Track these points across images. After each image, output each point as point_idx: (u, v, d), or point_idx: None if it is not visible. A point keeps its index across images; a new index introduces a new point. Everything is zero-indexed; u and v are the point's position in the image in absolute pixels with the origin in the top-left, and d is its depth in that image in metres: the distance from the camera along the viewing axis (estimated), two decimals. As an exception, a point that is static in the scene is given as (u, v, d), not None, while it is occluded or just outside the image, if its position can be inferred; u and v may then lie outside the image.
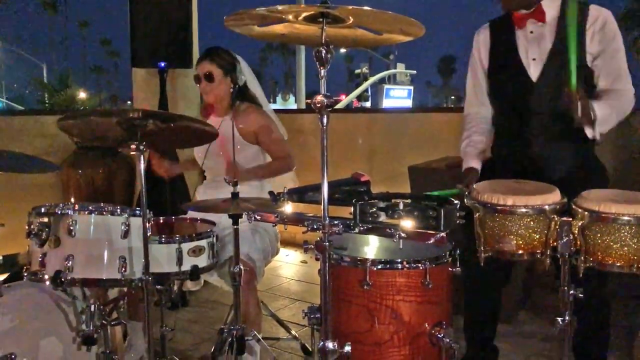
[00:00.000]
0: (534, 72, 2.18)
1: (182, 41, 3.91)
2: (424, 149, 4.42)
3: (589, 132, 2.01)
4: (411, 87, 33.09)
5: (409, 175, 3.79)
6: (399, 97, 31.36)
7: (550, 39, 2.16)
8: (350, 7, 1.35)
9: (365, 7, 1.34)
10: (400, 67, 32.61)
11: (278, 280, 4.18)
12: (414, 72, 34.42)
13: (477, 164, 2.31)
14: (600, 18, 2.11)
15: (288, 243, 4.75)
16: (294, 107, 25.80)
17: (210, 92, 2.72)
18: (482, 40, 2.37)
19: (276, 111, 3.16)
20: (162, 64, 3.86)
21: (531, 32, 2.19)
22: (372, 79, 28.94)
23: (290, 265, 4.57)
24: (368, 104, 28.95)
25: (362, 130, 5.05)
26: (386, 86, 30.49)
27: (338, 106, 24.90)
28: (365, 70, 29.34)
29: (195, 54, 4.22)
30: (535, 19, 2.17)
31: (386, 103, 29.76)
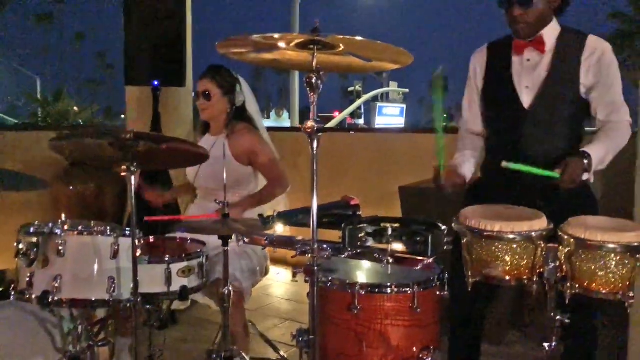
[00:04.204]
0: (526, 99, 2.19)
1: (175, 60, 3.93)
2: (415, 169, 4.44)
3: (584, 176, 2.02)
4: (404, 106, 33.26)
5: (399, 196, 3.81)
6: (391, 114, 31.52)
7: (546, 68, 2.17)
8: (341, 36, 1.37)
9: (357, 37, 1.37)
10: (393, 86, 32.83)
11: (268, 300, 4.17)
12: (407, 90, 34.61)
13: (467, 172, 2.30)
14: (597, 51, 2.12)
15: (279, 261, 4.73)
16: (288, 122, 25.85)
17: (206, 109, 2.75)
18: (478, 62, 2.38)
19: (269, 129, 3.18)
20: (156, 83, 3.88)
21: (528, 60, 2.21)
22: (365, 97, 29.04)
23: (280, 284, 4.55)
24: (361, 121, 29.07)
25: (354, 149, 5.07)
26: (379, 104, 30.65)
27: (332, 122, 25.02)
28: (358, 88, 29.50)
29: (189, 72, 4.24)
30: (534, 48, 2.18)
31: (379, 120, 29.88)
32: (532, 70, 2.20)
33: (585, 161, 1.99)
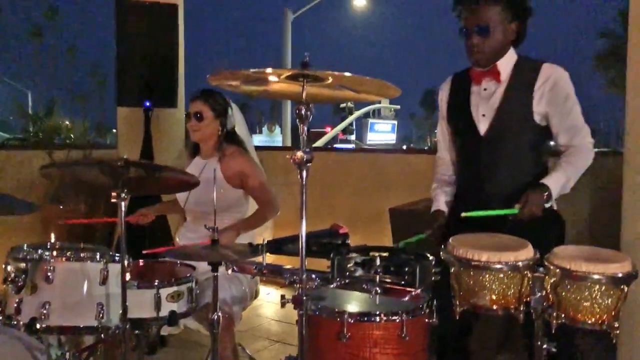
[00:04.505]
0: (482, 127, 2.27)
1: (168, 81, 3.96)
2: (406, 189, 4.46)
3: (547, 205, 2.09)
4: (395, 122, 33.61)
5: (389, 217, 3.83)
6: (383, 131, 31.82)
7: (500, 97, 2.24)
8: (329, 72, 1.40)
9: (345, 73, 1.39)
10: (385, 102, 33.04)
11: (258, 320, 4.15)
12: (398, 107, 34.96)
13: (444, 206, 2.42)
14: (551, 78, 2.19)
15: (269, 281, 4.73)
16: (280, 137, 25.92)
17: (198, 130, 2.77)
18: (444, 92, 2.48)
19: (261, 148, 3.20)
20: (148, 103, 3.90)
21: (485, 89, 2.28)
22: (357, 113, 29.29)
23: (270, 305, 4.54)
24: (353, 137, 29.29)
25: (345, 168, 5.09)
26: (371, 120, 30.94)
27: (324, 138, 25.09)
28: (350, 104, 29.71)
29: (181, 93, 4.26)
30: (491, 78, 2.26)
31: (371, 137, 30.12)
32: (488, 99, 2.27)
33: (545, 193, 2.07)
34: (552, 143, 2.34)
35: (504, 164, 2.25)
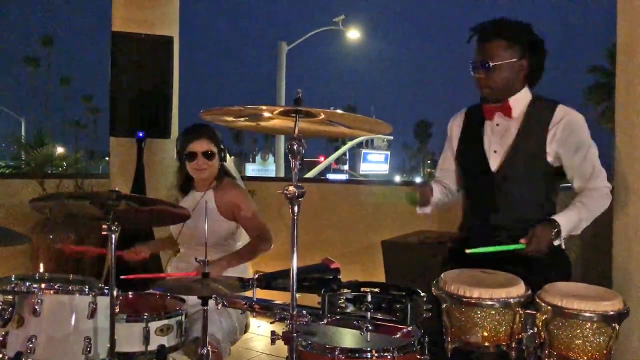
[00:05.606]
0: (493, 163, 2.25)
1: (162, 111, 3.98)
2: (398, 221, 4.46)
3: (556, 242, 2.05)
4: (388, 152, 33.86)
5: (382, 250, 3.81)
6: (376, 161, 32.04)
7: (513, 134, 2.23)
8: (322, 109, 1.41)
9: (338, 111, 1.41)
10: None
11: (248, 354, 4.09)
12: (391, 137, 35.24)
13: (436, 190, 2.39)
14: (564, 120, 2.16)
15: (259, 313, 4.66)
16: (273, 166, 25.99)
17: (208, 168, 2.72)
18: (455, 125, 2.45)
19: (253, 178, 3.19)
20: (140, 134, 3.91)
21: (497, 124, 2.27)
22: (350, 143, 29.45)
23: (261, 338, 4.47)
24: (346, 167, 29.45)
25: (338, 200, 5.09)
26: (364, 150, 31.16)
27: (317, 168, 25.17)
28: (343, 134, 29.94)
29: (175, 124, 4.28)
30: (503, 113, 2.24)
31: (364, 167, 30.28)
32: (501, 135, 2.26)
33: (555, 230, 2.02)
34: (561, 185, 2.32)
35: (513, 202, 2.21)
